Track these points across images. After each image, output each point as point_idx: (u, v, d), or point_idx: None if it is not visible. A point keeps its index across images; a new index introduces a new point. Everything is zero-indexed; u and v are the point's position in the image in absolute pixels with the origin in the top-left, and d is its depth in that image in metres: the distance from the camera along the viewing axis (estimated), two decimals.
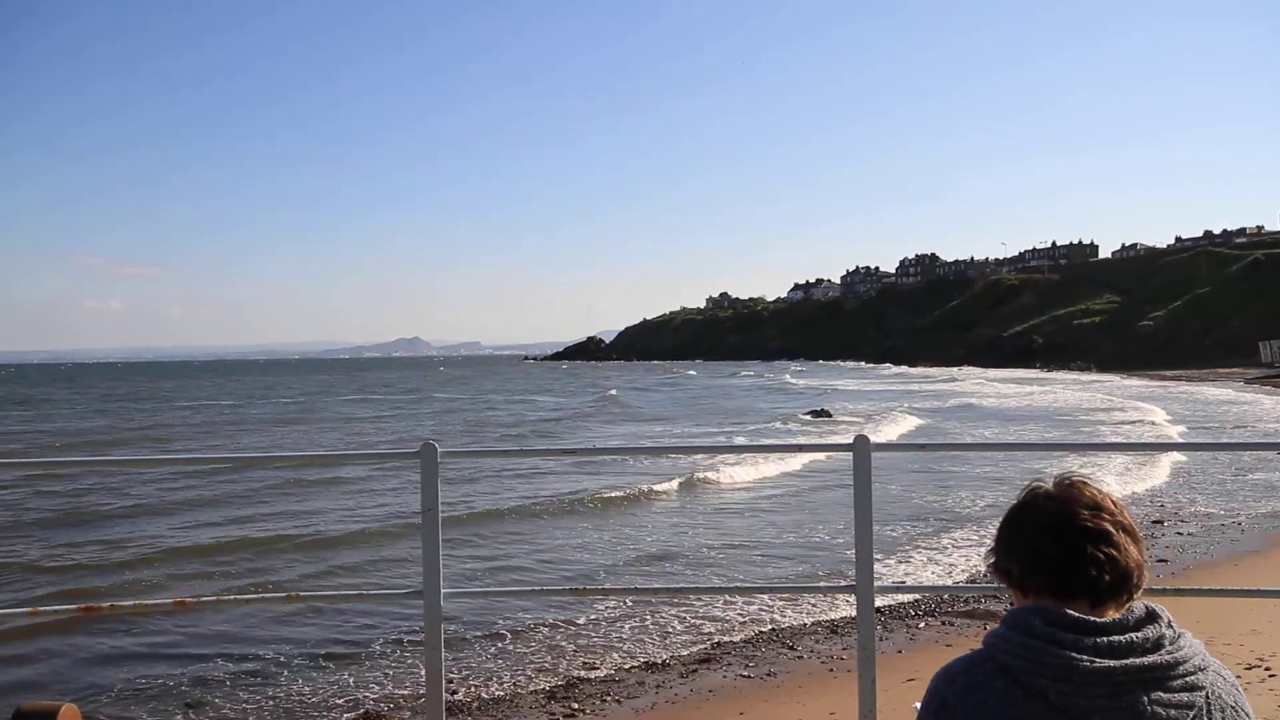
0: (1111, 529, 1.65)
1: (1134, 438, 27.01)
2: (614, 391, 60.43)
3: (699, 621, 9.19)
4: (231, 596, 9.55)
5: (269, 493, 18.74)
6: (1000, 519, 1.80)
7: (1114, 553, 1.63)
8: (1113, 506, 1.69)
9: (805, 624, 9.02)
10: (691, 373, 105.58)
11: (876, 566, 3.95)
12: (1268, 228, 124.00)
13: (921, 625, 8.79)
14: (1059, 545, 1.65)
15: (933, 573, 11.01)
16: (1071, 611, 1.60)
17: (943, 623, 8.85)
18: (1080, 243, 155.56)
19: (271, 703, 7.46)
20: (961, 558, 11.68)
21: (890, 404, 43.78)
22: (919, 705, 1.71)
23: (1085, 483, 1.73)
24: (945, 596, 9.63)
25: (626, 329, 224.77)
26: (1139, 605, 1.64)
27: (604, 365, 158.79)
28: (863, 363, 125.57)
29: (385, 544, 13.56)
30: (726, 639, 8.66)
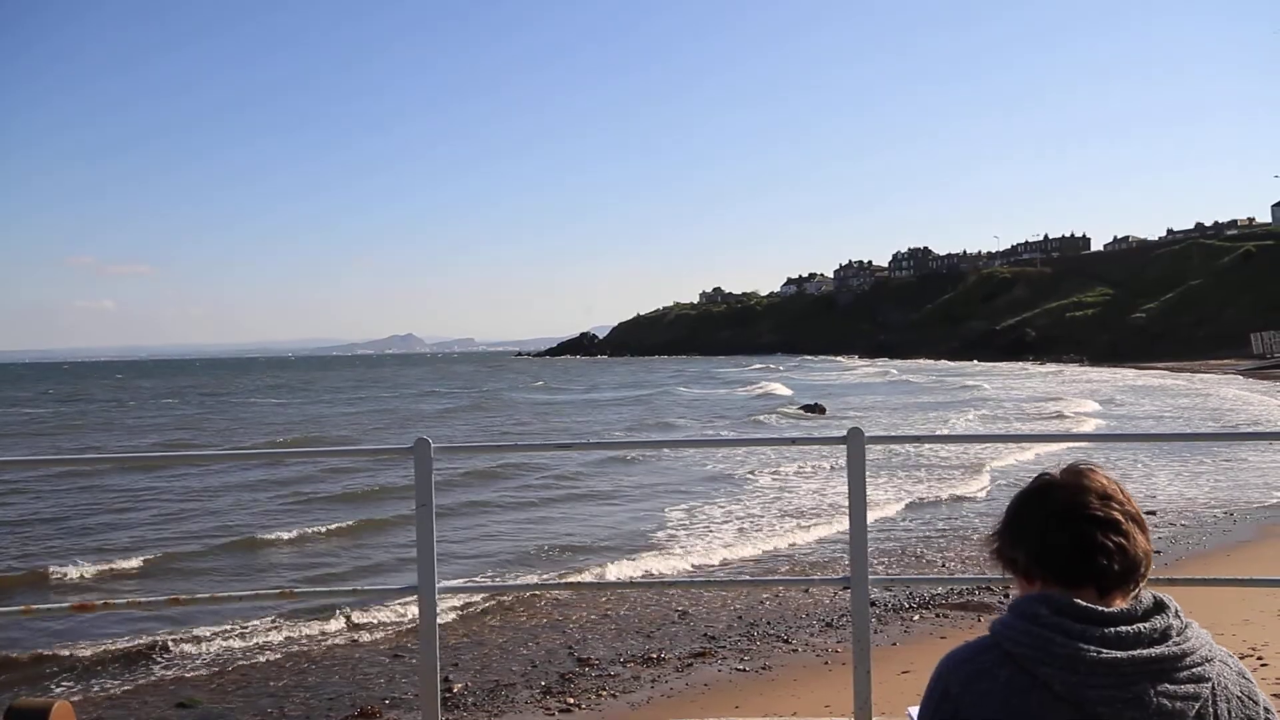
0: (1121, 518, 1.63)
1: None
2: (774, 385, 57.88)
3: (694, 616, 9.19)
4: (226, 594, 9.50)
5: (269, 487, 18.71)
6: (1007, 506, 1.76)
7: (1123, 541, 1.61)
8: (1122, 495, 1.67)
9: (800, 617, 9.03)
10: (769, 365, 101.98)
11: (871, 559, 3.94)
12: (1259, 220, 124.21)
13: (916, 618, 8.81)
14: (1069, 533, 1.63)
15: (927, 565, 11.03)
16: (1079, 600, 1.57)
17: (937, 615, 8.88)
18: (1072, 236, 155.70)
19: (264, 700, 7.44)
20: (955, 550, 11.70)
21: (1015, 400, 41.23)
22: (913, 711, 1.67)
23: (1094, 471, 1.70)
24: (940, 589, 9.66)
25: (620, 324, 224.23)
26: (1147, 595, 1.62)
27: (605, 361, 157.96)
28: (855, 357, 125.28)
29: (384, 539, 13.54)
30: (721, 633, 8.67)
